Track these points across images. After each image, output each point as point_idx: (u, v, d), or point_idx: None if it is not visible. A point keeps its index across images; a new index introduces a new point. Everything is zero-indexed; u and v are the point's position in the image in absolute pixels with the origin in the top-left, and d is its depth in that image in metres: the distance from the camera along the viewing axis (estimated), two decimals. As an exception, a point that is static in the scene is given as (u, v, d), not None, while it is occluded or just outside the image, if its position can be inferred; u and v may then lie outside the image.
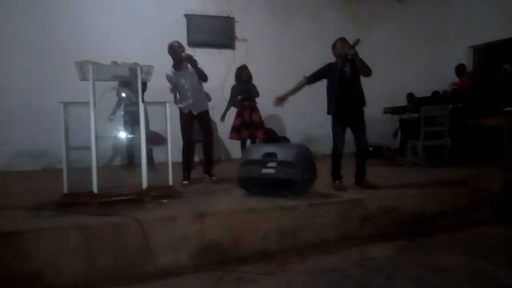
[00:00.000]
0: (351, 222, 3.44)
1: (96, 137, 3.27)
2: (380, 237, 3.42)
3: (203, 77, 4.48)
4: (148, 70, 3.52)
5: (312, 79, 4.04)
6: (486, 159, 5.90)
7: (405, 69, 8.56)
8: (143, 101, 3.55)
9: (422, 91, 7.30)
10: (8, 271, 2.45)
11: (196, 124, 4.68)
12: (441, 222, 3.75)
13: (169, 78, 4.53)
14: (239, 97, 6.01)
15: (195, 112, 4.58)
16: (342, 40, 3.94)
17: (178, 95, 4.64)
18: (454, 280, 2.55)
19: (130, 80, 4.03)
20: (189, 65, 4.46)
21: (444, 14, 7.95)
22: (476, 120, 5.74)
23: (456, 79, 6.97)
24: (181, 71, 4.49)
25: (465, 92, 6.47)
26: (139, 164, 3.51)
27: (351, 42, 3.79)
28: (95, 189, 3.23)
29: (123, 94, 5.89)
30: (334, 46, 3.96)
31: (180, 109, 4.59)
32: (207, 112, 4.69)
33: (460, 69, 6.96)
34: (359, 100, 3.92)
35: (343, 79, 3.85)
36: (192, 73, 4.49)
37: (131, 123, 5.65)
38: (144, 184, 3.43)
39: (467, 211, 3.89)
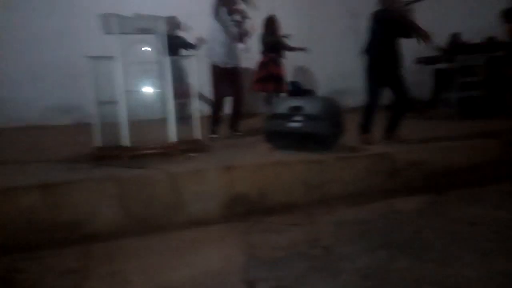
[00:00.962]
0: (379, 175, 3.42)
1: (125, 91, 3.30)
2: (409, 191, 3.39)
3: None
4: (174, 21, 3.45)
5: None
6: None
7: (450, 9, 7.94)
8: (170, 55, 3.53)
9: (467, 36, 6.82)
10: (48, 220, 2.61)
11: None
12: (470, 176, 3.66)
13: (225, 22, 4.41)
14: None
15: (230, 66, 4.51)
16: None
17: (212, 47, 4.54)
18: (481, 232, 2.52)
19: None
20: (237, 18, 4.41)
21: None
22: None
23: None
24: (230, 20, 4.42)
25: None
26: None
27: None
28: (126, 142, 3.32)
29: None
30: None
31: (215, 63, 4.53)
32: (238, 67, 4.62)
33: (508, 14, 6.40)
34: (398, 56, 3.76)
35: (388, 29, 3.68)
36: (234, 28, 4.41)
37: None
38: (173, 138, 3.49)
39: (497, 164, 3.77)
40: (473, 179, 3.62)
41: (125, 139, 3.32)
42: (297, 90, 6.76)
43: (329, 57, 7.42)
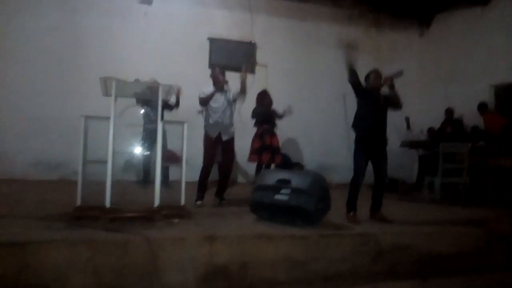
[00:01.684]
0: (363, 256, 3.33)
1: (114, 152, 3.30)
2: (393, 275, 3.29)
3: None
4: (169, 90, 3.58)
5: (356, 78, 3.83)
6: (506, 200, 5.72)
7: (424, 104, 8.48)
8: (162, 119, 3.59)
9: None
10: (14, 282, 2.43)
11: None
12: (456, 263, 3.60)
13: (204, 98, 4.54)
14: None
15: (224, 138, 4.59)
16: (376, 72, 3.93)
17: (207, 117, 4.65)
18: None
19: (151, 98, 4.10)
20: (227, 90, 4.56)
21: (465, 51, 7.93)
22: (497, 160, 5.61)
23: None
24: (219, 94, 4.55)
25: (489, 130, 6.35)
26: (154, 181, 3.51)
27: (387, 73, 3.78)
28: (107, 203, 3.24)
29: (142, 111, 5.99)
30: (367, 77, 3.94)
31: (207, 132, 4.61)
32: (233, 138, 4.71)
33: (482, 107, 6.84)
34: (385, 134, 3.91)
35: (376, 109, 3.85)
36: (229, 98, 4.57)
37: (149, 140, 5.71)
38: (156, 203, 3.42)
39: (483, 254, 3.73)
40: (457, 267, 3.55)
41: (107, 200, 3.24)
42: (287, 163, 6.85)
43: (317, 133, 7.66)
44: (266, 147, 5.97)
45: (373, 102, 3.85)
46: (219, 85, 4.56)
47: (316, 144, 7.86)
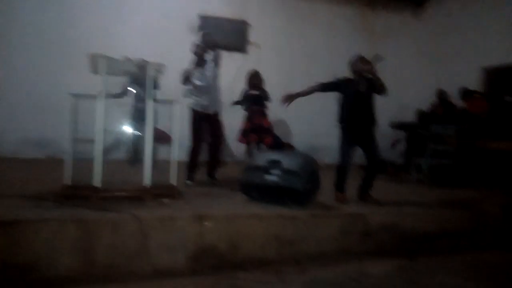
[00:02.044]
0: (351, 236, 3.40)
1: (103, 130, 3.26)
2: (380, 254, 3.37)
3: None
4: (158, 68, 3.52)
5: (326, 87, 3.97)
6: (492, 182, 5.83)
7: (417, 85, 8.49)
8: (153, 98, 3.55)
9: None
10: (2, 261, 2.43)
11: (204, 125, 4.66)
12: (442, 243, 3.69)
13: (189, 74, 4.49)
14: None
15: (211, 112, 4.56)
16: (361, 57, 3.87)
17: (192, 95, 4.60)
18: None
19: (141, 77, 4.04)
20: (212, 64, 4.50)
21: (458, 33, 7.90)
22: (484, 142, 5.68)
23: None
24: (203, 70, 4.50)
25: (475, 113, 6.42)
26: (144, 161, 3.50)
27: (369, 57, 3.75)
28: (97, 183, 3.22)
29: (133, 90, 5.89)
30: (351, 63, 3.90)
31: (194, 109, 4.57)
32: (219, 113, 4.68)
33: (465, 93, 6.84)
34: (372, 119, 3.90)
35: (358, 97, 3.83)
36: (214, 73, 4.51)
37: (139, 119, 5.64)
38: (147, 182, 3.41)
39: (468, 233, 3.83)
40: (442, 247, 3.65)
41: (97, 180, 3.23)
42: (277, 143, 6.85)
43: (310, 112, 7.64)
44: (255, 128, 5.96)
45: (352, 92, 3.84)
46: (202, 61, 4.50)
47: (306, 125, 7.85)
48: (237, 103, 6.10)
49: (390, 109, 8.09)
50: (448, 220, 3.79)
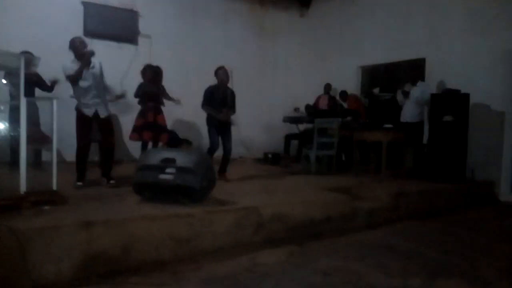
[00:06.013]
0: (246, 229, 3.53)
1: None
2: (273, 243, 3.57)
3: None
4: (33, 61, 3.17)
5: (207, 103, 5.16)
6: (368, 169, 6.61)
7: (305, 81, 9.11)
8: (25, 95, 3.18)
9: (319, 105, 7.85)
10: None
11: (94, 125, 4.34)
12: (327, 227, 4.06)
13: (74, 75, 4.03)
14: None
15: (102, 116, 4.25)
16: (223, 69, 5.14)
17: (78, 97, 4.21)
18: (333, 283, 2.78)
19: (9, 71, 3.58)
20: (96, 63, 4.13)
21: (339, 33, 8.66)
22: (361, 134, 6.39)
23: None
24: (86, 71, 4.09)
25: (354, 109, 7.20)
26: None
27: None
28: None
29: (7, 86, 5.18)
30: (216, 73, 5.18)
31: (79, 110, 4.21)
32: (108, 112, 4.39)
33: (343, 94, 7.75)
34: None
35: (222, 100, 5.17)
36: (96, 73, 4.16)
37: (16, 119, 4.99)
38: (23, 188, 3.06)
39: (348, 218, 4.28)
40: (327, 231, 4.02)
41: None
42: (174, 140, 6.72)
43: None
44: (149, 125, 5.77)
45: (218, 97, 5.14)
46: (86, 59, 4.07)
47: (204, 119, 7.83)
48: (121, 96, 5.76)
49: (283, 103, 8.63)
50: (331, 206, 4.18)
